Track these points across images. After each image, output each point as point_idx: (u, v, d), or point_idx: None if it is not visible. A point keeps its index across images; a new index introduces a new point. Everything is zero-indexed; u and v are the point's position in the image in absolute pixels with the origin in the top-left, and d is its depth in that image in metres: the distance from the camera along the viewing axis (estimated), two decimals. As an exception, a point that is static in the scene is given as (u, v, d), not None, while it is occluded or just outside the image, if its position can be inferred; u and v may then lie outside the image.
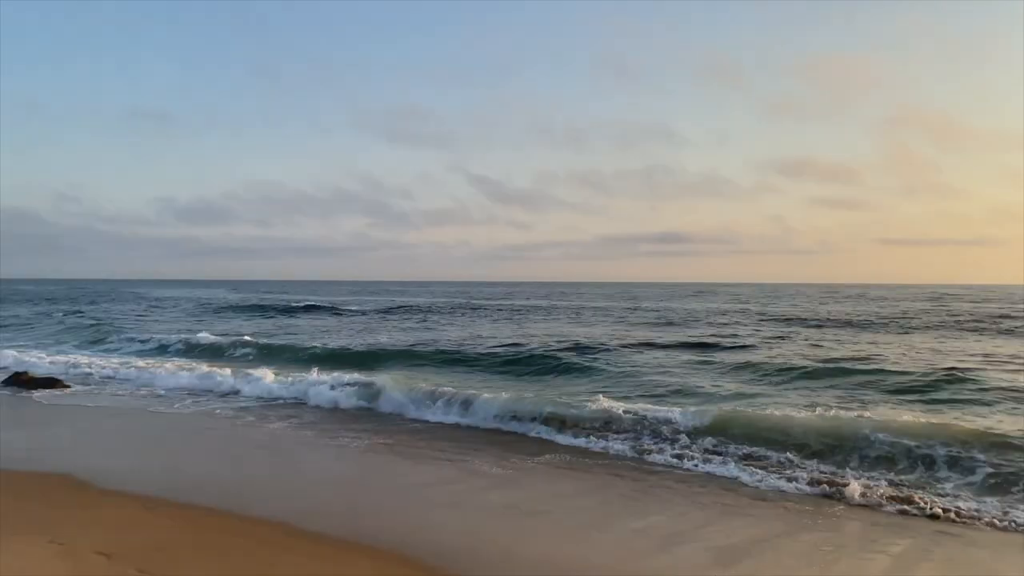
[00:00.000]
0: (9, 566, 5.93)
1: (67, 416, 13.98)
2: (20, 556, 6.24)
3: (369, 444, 11.68)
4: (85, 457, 10.34)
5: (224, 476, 9.76)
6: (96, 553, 6.44)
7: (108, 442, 11.86)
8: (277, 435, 12.46)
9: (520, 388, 16.60)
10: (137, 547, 6.71)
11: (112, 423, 13.42)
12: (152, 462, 10.44)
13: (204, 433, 12.60)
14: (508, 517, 8.13)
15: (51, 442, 11.61)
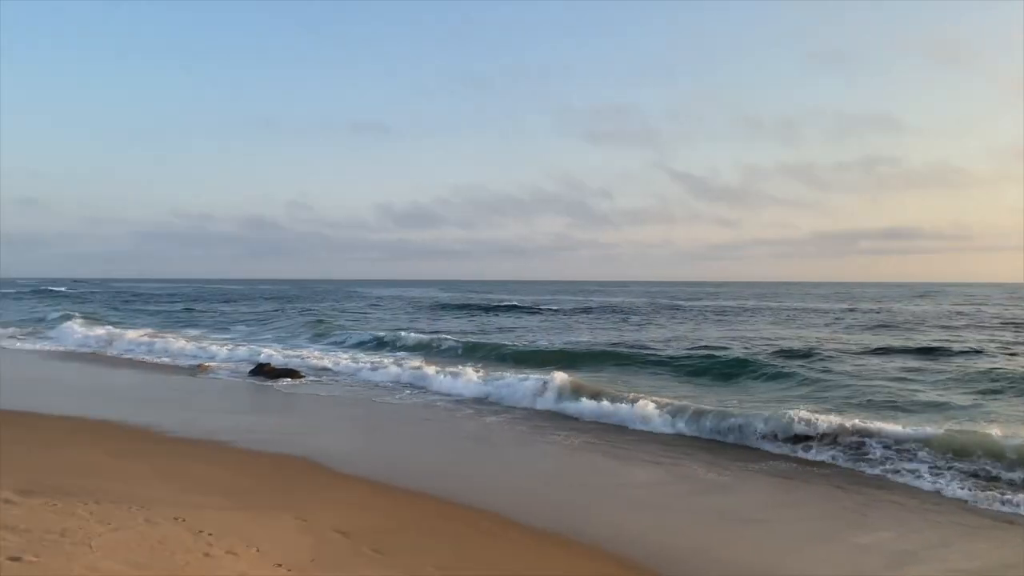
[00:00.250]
0: (264, 536, 6.62)
1: (302, 404, 15.36)
2: (271, 528, 6.94)
3: (577, 443, 11.85)
4: (319, 442, 11.29)
5: (443, 465, 10.29)
6: (334, 531, 7.03)
7: (338, 428, 12.90)
8: (488, 429, 12.95)
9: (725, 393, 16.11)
10: (370, 527, 7.25)
11: (340, 411, 14.58)
12: (378, 448, 11.24)
13: (422, 424, 13.35)
14: (721, 523, 7.93)
15: (289, 427, 12.80)
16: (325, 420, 13.77)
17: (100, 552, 5.57)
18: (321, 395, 16.45)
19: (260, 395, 16.57)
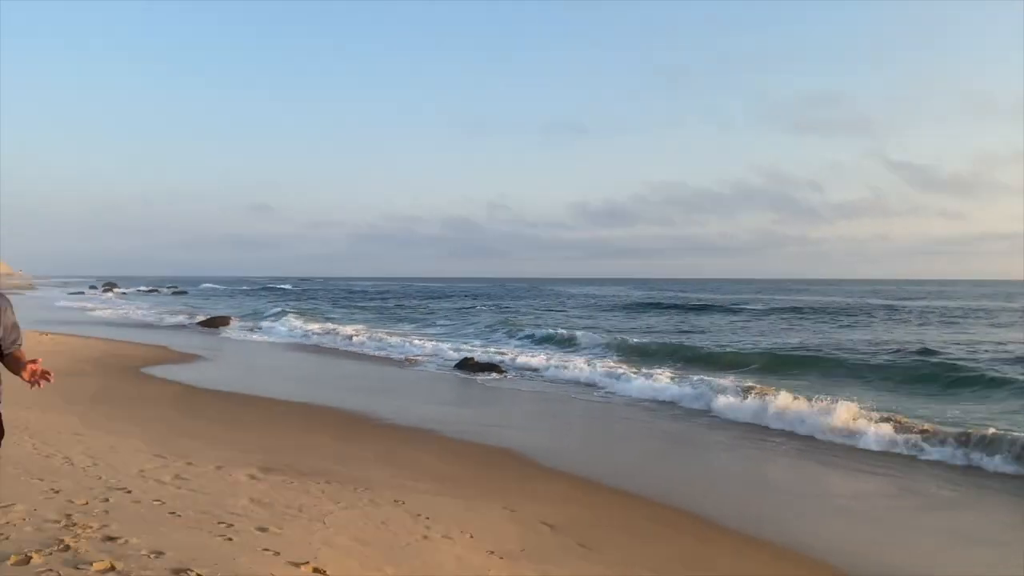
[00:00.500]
0: (475, 523, 6.88)
1: (505, 398, 15.84)
2: (482, 516, 7.20)
3: (782, 450, 11.31)
4: (522, 435, 11.58)
5: (643, 464, 10.22)
6: (542, 523, 7.18)
7: (540, 423, 13.17)
8: (688, 432, 12.68)
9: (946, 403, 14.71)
10: (576, 522, 7.33)
11: (541, 407, 14.87)
12: (579, 444, 11.37)
13: (621, 422, 13.32)
14: (950, 543, 7.26)
15: (494, 420, 13.24)
16: (527, 415, 14.10)
17: (333, 528, 6.03)
18: (522, 390, 16.86)
19: (465, 388, 17.26)
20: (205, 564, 4.52)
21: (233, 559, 4.72)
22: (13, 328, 3.88)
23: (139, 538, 5.03)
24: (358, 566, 5.17)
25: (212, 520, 5.81)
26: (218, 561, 4.62)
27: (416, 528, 6.44)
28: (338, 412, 13.06)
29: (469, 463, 9.69)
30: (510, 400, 15.66)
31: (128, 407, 12.38)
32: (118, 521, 5.48)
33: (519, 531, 6.86)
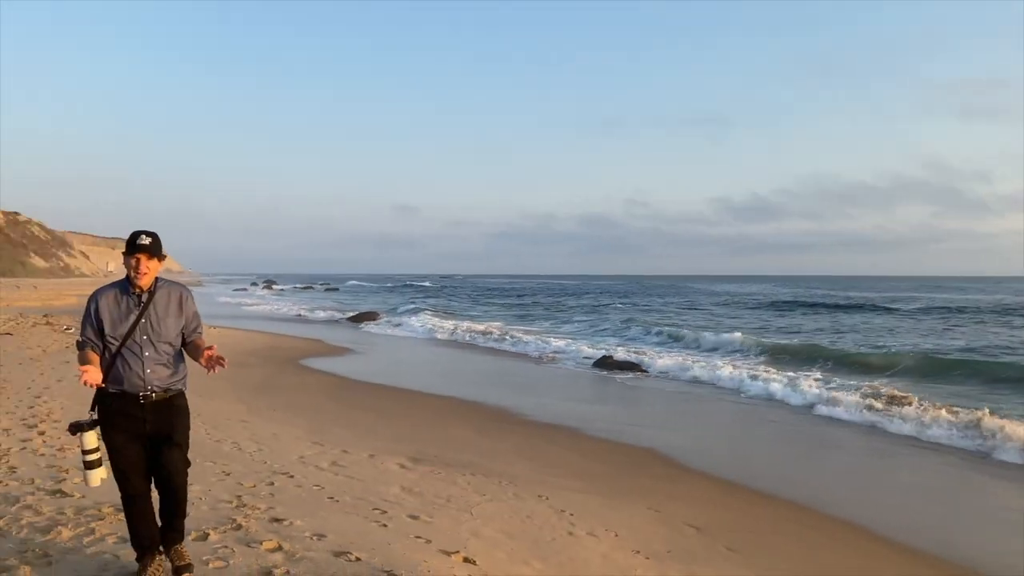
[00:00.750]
0: (620, 522, 6.83)
1: (645, 397, 15.64)
2: (626, 515, 7.14)
3: (947, 460, 10.55)
4: (665, 435, 11.38)
5: (792, 469, 9.81)
6: (687, 524, 7.04)
7: (682, 424, 12.90)
8: (838, 438, 12.07)
9: None
10: (723, 524, 7.14)
11: (683, 407, 14.57)
12: (723, 446, 11.04)
13: (766, 425, 12.82)
14: None
15: (635, 419, 13.09)
16: (668, 414, 13.86)
17: (480, 520, 6.16)
18: (662, 389, 16.60)
19: (604, 386, 17.19)
20: (363, 548, 4.73)
21: (388, 544, 4.91)
22: (195, 317, 4.15)
23: (302, 520, 5.33)
24: (506, 558, 5.26)
25: (367, 506, 6.08)
26: (375, 546, 4.82)
27: (560, 524, 6.47)
28: (480, 407, 13.32)
29: (611, 461, 9.63)
30: (650, 399, 15.45)
31: (288, 396, 13.14)
32: (283, 504, 5.83)
33: (664, 532, 6.76)
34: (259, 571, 4.24)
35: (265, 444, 8.54)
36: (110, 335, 3.92)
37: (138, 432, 3.94)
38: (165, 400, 3.99)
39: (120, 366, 3.91)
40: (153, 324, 3.96)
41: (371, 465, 7.97)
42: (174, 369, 4.06)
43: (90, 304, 4.01)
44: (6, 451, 7.26)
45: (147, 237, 3.93)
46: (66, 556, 4.40)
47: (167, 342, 4.00)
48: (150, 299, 3.99)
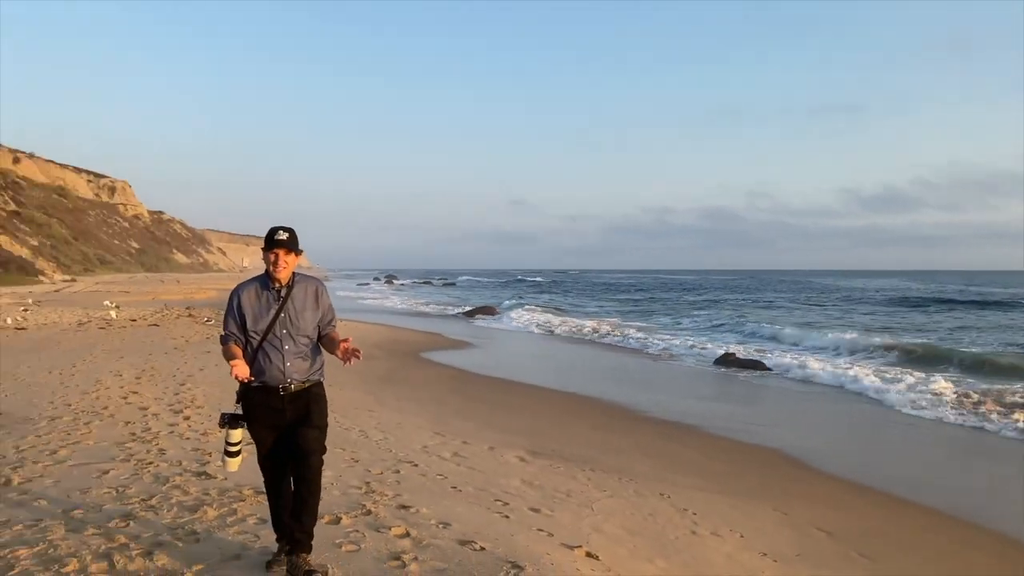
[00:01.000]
0: (745, 523, 6.65)
1: (769, 396, 15.14)
2: (751, 516, 6.94)
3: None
4: (790, 435, 10.98)
5: (926, 475, 9.24)
6: (816, 528, 6.78)
7: (808, 424, 12.40)
8: (979, 444, 11.29)
9: None
10: (855, 529, 6.84)
11: (808, 407, 14.01)
12: (852, 449, 10.55)
13: (895, 428, 12.13)
14: None
15: (758, 418, 12.70)
16: (792, 414, 13.36)
17: (601, 515, 6.14)
18: (785, 388, 16.03)
19: (725, 383, 16.76)
20: (487, 538, 4.80)
21: (511, 536, 4.97)
22: (330, 310, 4.26)
23: (428, 508, 5.46)
24: (628, 555, 5.22)
25: (489, 497, 6.16)
26: (498, 537, 4.89)
27: (683, 523, 6.36)
28: (598, 402, 13.26)
29: (734, 461, 9.38)
30: (772, 397, 14.95)
31: (410, 388, 13.50)
32: (408, 491, 5.99)
33: (793, 535, 6.54)
34: (388, 556, 4.37)
35: (390, 433, 8.81)
36: (252, 330, 4.04)
37: (279, 423, 4.07)
38: (303, 389, 4.10)
39: (261, 360, 4.04)
40: (292, 318, 4.07)
41: (491, 457, 8.08)
42: (312, 361, 4.15)
43: (232, 299, 4.15)
44: (156, 434, 7.80)
45: (284, 232, 4.03)
46: (211, 534, 4.68)
47: (305, 335, 4.10)
48: (288, 293, 4.10)
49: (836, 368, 17.73)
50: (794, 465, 9.24)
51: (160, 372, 12.69)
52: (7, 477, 6.06)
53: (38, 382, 11.42)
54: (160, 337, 19.46)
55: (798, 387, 16.19)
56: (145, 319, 25.97)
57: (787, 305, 48.90)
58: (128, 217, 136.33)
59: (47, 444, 7.28)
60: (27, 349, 16.21)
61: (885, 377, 16.24)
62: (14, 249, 68.95)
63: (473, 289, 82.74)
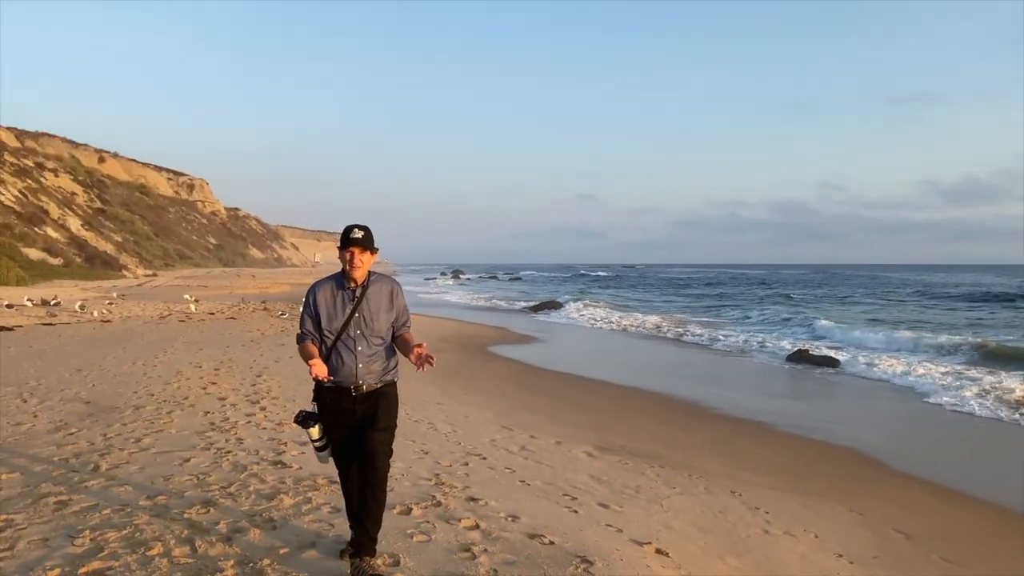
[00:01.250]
0: (819, 523, 6.50)
1: (843, 394, 14.74)
2: (825, 516, 6.78)
3: None
4: (866, 434, 10.66)
5: (1015, 481, 8.86)
6: (895, 530, 6.57)
7: (884, 423, 12.01)
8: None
9: None
10: (935, 533, 6.61)
11: (883, 404, 13.57)
12: (931, 449, 10.18)
13: (976, 429, 11.65)
14: None
15: (832, 416, 12.37)
16: (868, 412, 12.96)
17: (671, 512, 6.08)
18: (860, 387, 15.56)
19: (797, 380, 16.39)
20: (556, 532, 4.81)
21: (580, 531, 4.96)
22: (404, 311, 4.19)
23: (497, 501, 5.50)
24: (699, 553, 5.16)
25: (557, 491, 6.17)
26: (567, 531, 4.89)
27: (755, 521, 6.26)
28: (667, 398, 13.12)
29: (807, 459, 9.17)
30: (846, 396, 14.53)
31: (477, 381, 13.61)
32: (477, 484, 6.04)
33: (869, 536, 6.36)
34: (459, 547, 4.42)
35: (458, 426, 8.90)
36: (326, 328, 3.99)
37: (348, 424, 4.03)
38: (375, 390, 4.05)
39: (335, 360, 3.98)
40: (366, 318, 4.00)
41: (559, 451, 8.09)
42: (386, 362, 4.08)
43: (308, 297, 4.10)
44: (234, 424, 8.05)
45: (360, 231, 3.96)
46: (288, 522, 4.81)
47: (379, 336, 4.03)
48: (363, 293, 4.02)
49: (911, 366, 17.14)
50: (869, 465, 8.97)
51: (237, 364, 13.09)
52: (95, 463, 6.34)
53: (123, 372, 11.91)
54: (237, 330, 20.06)
55: (871, 385, 15.69)
56: (223, 312, 26.81)
57: (862, 301, 47.46)
58: (206, 214, 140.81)
59: (132, 432, 7.60)
60: (112, 341, 16.92)
61: (963, 376, 15.63)
62: (99, 245, 72.00)
63: (539, 284, 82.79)
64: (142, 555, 4.22)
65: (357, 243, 3.93)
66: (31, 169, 79.78)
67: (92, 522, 4.79)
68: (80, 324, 21.55)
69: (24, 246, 53.31)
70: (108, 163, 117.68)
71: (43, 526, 4.73)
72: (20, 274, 42.65)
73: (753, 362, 19.32)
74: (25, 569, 4.04)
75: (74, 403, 9.28)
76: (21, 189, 67.52)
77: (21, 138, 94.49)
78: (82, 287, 44.90)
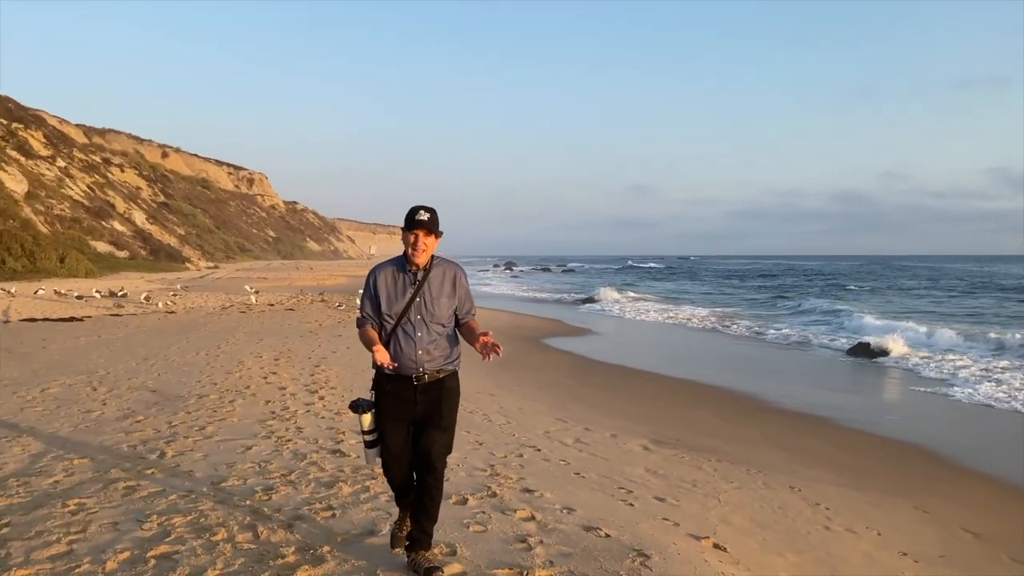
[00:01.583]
0: (882, 520, 6.33)
1: (904, 388, 14.32)
2: (889, 514, 6.61)
3: None
4: (933, 430, 10.36)
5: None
6: (963, 529, 6.38)
7: (952, 421, 11.65)
8: None
9: None
10: (1005, 533, 6.39)
11: (947, 401, 13.15)
12: (1000, 447, 9.83)
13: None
14: None
15: (894, 411, 12.06)
16: (931, 409, 12.57)
17: (728, 507, 6.00)
18: (924, 382, 15.10)
19: (858, 374, 16.01)
20: (612, 525, 4.78)
21: (636, 524, 4.93)
22: (468, 297, 4.01)
23: (551, 493, 5.50)
24: (758, 548, 5.08)
25: (613, 485, 6.14)
26: (623, 524, 4.86)
27: (815, 518, 6.13)
28: (723, 391, 12.94)
29: (869, 455, 8.94)
30: (909, 391, 14.11)
31: (531, 373, 13.62)
32: (532, 475, 6.05)
33: (936, 535, 6.18)
34: (515, 538, 4.43)
35: (512, 417, 8.92)
36: (386, 313, 3.84)
37: (408, 417, 3.86)
38: (437, 381, 3.87)
39: (394, 346, 3.83)
40: (427, 303, 3.83)
41: (614, 444, 8.05)
42: (448, 351, 3.91)
43: (369, 280, 3.94)
44: (293, 413, 8.21)
45: (426, 212, 3.77)
46: (346, 510, 4.88)
47: (440, 323, 3.86)
48: (425, 277, 3.86)
49: (974, 361, 16.60)
50: (935, 462, 8.71)
51: (296, 354, 13.34)
52: (161, 450, 6.54)
53: (187, 362, 12.25)
54: (296, 321, 20.45)
55: (933, 381, 15.22)
56: (282, 304, 27.35)
57: (929, 294, 46.09)
58: (265, 207, 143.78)
59: (196, 420, 7.81)
60: (176, 331, 17.41)
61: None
62: (163, 238, 74.13)
63: (592, 276, 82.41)
64: (207, 540, 4.33)
65: (423, 225, 3.75)
66: (98, 164, 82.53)
67: (159, 507, 4.94)
68: (146, 315, 22.22)
69: (92, 239, 55.23)
70: (171, 158, 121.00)
71: (113, 510, 4.90)
72: (89, 267, 44.21)
73: (812, 355, 18.93)
74: (97, 551, 4.19)
75: (141, 391, 9.58)
76: (89, 184, 69.90)
77: (89, 134, 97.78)
78: (147, 279, 46.32)
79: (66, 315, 21.14)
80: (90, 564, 4.01)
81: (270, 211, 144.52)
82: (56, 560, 4.08)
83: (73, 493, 5.29)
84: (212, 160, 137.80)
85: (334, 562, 4.04)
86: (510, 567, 4.00)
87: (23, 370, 11.33)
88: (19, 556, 4.13)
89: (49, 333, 16.72)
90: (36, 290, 29.46)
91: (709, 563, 4.38)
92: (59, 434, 7.22)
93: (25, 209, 48.98)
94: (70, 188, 63.21)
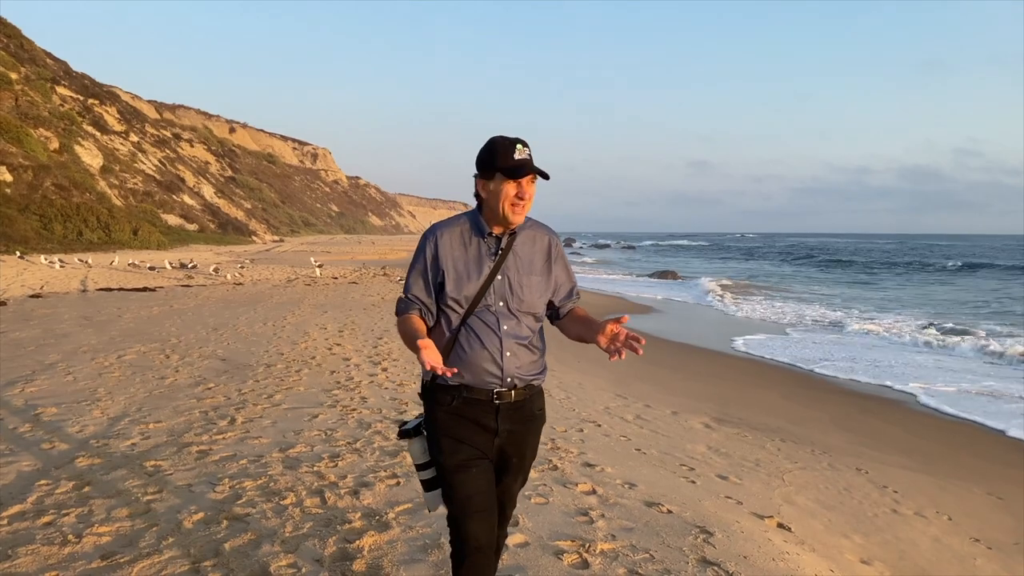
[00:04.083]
0: (953, 505, 6.16)
1: (979, 372, 13.84)
2: (960, 499, 6.42)
3: None
4: (1003, 414, 10.00)
5: None
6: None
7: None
8: None
9: None
10: (1086, 523, 6.14)
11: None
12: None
13: None
14: None
15: (971, 393, 11.65)
16: (1008, 393, 12.12)
17: (792, 487, 5.91)
18: (1001, 365, 14.56)
19: (928, 356, 15.52)
20: (674, 502, 4.76)
21: (699, 501, 4.90)
22: (568, 273, 2.87)
23: (612, 468, 5.50)
24: (823, 529, 5.00)
25: (674, 462, 6.11)
26: (685, 501, 4.83)
27: (883, 500, 6.00)
28: (787, 370, 12.72)
29: (940, 439, 8.68)
30: (985, 375, 13.63)
31: (591, 349, 13.48)
32: (592, 450, 6.06)
33: (1010, 522, 5.98)
34: (576, 511, 4.45)
35: (572, 393, 8.92)
36: (453, 296, 2.56)
37: (485, 449, 2.60)
38: (525, 401, 2.63)
39: (464, 346, 2.56)
40: (513, 283, 2.60)
41: (675, 422, 7.99)
42: (538, 356, 2.69)
43: (426, 245, 2.63)
44: (358, 383, 8.36)
45: (526, 148, 2.50)
46: (411, 479, 4.96)
47: (531, 312, 2.63)
48: (510, 245, 2.61)
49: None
50: (1012, 448, 8.41)
51: (360, 326, 13.57)
52: (232, 417, 6.74)
53: (255, 332, 12.57)
54: (359, 294, 20.78)
55: (1009, 363, 14.66)
56: (345, 277, 27.83)
57: (1003, 276, 44.32)
58: (328, 182, 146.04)
59: (264, 388, 8.02)
60: (244, 303, 17.87)
61: None
62: (231, 212, 75.96)
63: (652, 253, 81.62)
64: (276, 504, 4.46)
65: (530, 169, 2.49)
66: (169, 140, 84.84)
67: (230, 471, 5.10)
68: (215, 286, 22.86)
69: (163, 212, 56.91)
70: (238, 133, 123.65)
71: (187, 473, 5.08)
72: (160, 239, 45.68)
73: (880, 337, 18.41)
74: (173, 512, 4.36)
75: (211, 360, 9.88)
76: (160, 159, 71.95)
77: (160, 110, 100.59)
78: (215, 251, 47.63)
79: (139, 285, 21.90)
80: (167, 523, 4.18)
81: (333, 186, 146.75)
82: (135, 518, 4.26)
83: (150, 455, 5.50)
84: (277, 135, 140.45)
85: (399, 528, 4.12)
86: (572, 539, 4.02)
87: (100, 337, 11.79)
88: (101, 513, 4.32)
89: (124, 302, 17.34)
90: (111, 261, 30.60)
91: (773, 542, 4.33)
92: (135, 399, 7.50)
93: (100, 183, 50.69)
94: (142, 162, 65.15)
